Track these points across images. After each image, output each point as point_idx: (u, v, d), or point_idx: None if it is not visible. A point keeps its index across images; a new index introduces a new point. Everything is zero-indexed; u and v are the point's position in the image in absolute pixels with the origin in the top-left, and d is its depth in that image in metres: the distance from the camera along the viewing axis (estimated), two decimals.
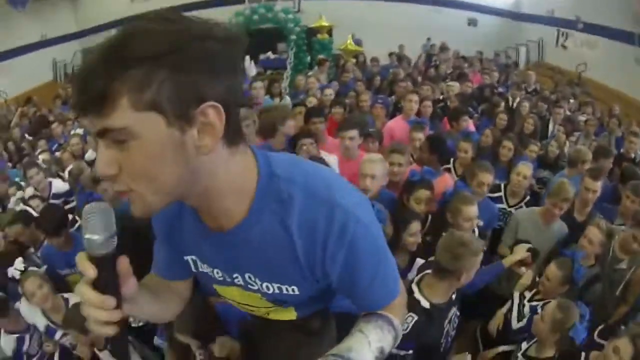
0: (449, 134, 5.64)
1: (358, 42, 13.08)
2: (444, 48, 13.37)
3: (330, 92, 6.88)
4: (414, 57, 12.90)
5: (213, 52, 0.85)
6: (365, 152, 4.20)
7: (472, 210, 3.36)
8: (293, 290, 1.16)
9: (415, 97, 5.60)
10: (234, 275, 1.19)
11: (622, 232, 3.61)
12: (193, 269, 1.28)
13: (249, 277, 1.17)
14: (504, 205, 4.41)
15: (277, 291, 1.17)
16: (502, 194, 4.46)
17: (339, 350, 1.09)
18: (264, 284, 1.17)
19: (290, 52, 13.09)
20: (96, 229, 0.89)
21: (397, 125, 5.50)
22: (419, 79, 9.37)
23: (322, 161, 3.67)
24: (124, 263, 0.95)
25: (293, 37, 13.19)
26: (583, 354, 2.71)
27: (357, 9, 14.73)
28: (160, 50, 0.81)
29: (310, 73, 9.83)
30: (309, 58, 13.54)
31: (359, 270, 1.09)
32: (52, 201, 5.17)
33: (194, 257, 1.25)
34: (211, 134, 0.89)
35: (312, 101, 6.38)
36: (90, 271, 0.90)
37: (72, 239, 3.89)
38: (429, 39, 14.40)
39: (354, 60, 11.50)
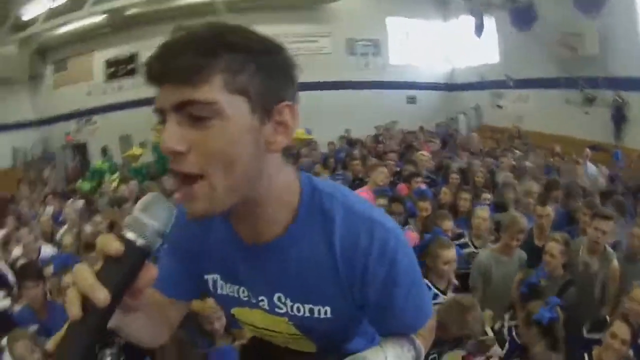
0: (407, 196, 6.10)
1: (309, 132, 13.66)
2: (387, 128, 14.32)
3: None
4: (361, 137, 13.43)
5: (291, 64, 0.96)
6: None
7: (451, 253, 3.62)
8: (326, 312, 1.11)
9: (384, 170, 6.17)
10: (260, 298, 1.15)
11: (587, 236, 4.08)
12: (212, 290, 1.23)
13: (279, 299, 1.13)
14: (472, 249, 4.79)
15: (307, 314, 1.12)
16: (467, 239, 4.86)
17: (354, 357, 1.12)
18: (295, 306, 1.12)
19: None
20: (158, 217, 0.82)
21: (365, 194, 5.90)
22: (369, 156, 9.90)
23: None
24: (152, 272, 0.85)
25: None
26: (585, 355, 3.00)
27: (305, 99, 15.34)
28: (257, 47, 0.90)
29: None
30: None
31: (397, 287, 1.08)
32: None
33: (215, 276, 1.21)
34: (284, 133, 0.95)
35: None
36: (115, 246, 0.78)
37: (49, 307, 3.87)
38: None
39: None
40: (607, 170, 8.02)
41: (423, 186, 6.47)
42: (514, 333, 3.38)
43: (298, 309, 1.13)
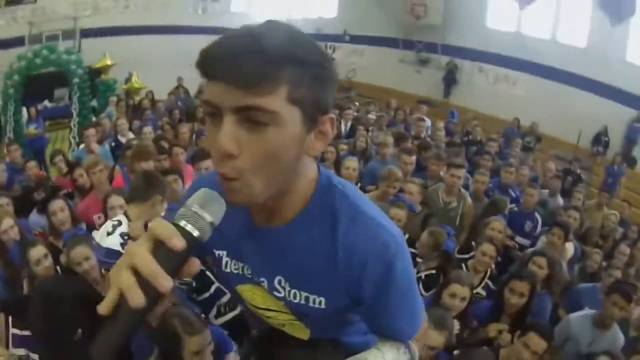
0: None
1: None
2: None
3: (149, 131, 6.88)
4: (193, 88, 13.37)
5: (335, 74, 1.01)
6: None
7: None
8: (320, 302, 1.16)
9: None
10: (261, 279, 1.20)
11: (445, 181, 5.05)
12: (217, 265, 1.31)
13: (279, 282, 1.18)
14: None
15: (303, 301, 1.17)
16: None
17: (355, 358, 1.19)
18: (292, 291, 1.17)
19: (75, 97, 12.41)
20: (216, 213, 0.88)
21: None
22: None
23: None
24: (196, 266, 0.88)
25: (76, 80, 12.42)
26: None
27: (139, 43, 14.75)
28: (315, 60, 0.94)
29: (103, 116, 9.58)
30: (94, 101, 13.05)
31: (392, 290, 1.13)
32: None
33: (222, 253, 1.27)
34: (323, 140, 1.01)
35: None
36: (179, 241, 0.80)
37: None
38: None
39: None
40: (442, 123, 9.26)
41: None
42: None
43: (294, 295, 1.17)
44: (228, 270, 1.26)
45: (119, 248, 2.70)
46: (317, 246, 1.10)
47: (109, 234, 2.77)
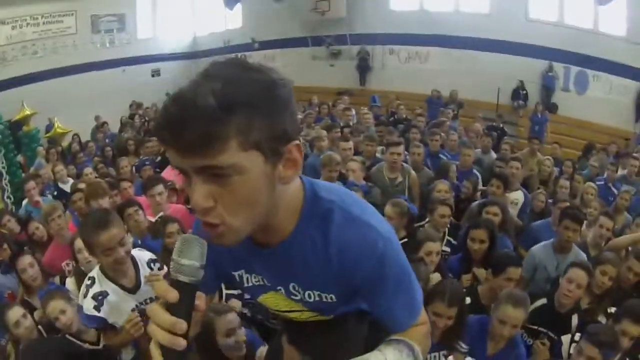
0: None
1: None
2: (139, 105, 14.35)
3: (90, 171, 6.96)
4: (113, 121, 13.17)
5: (289, 96, 1.00)
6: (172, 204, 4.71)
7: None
8: (331, 298, 1.26)
9: None
10: (278, 287, 1.30)
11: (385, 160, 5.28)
12: (239, 284, 1.38)
13: (293, 287, 1.27)
14: None
15: (317, 299, 1.26)
16: None
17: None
18: (307, 293, 1.26)
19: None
20: (194, 256, 0.96)
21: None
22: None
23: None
24: (203, 301, 1.05)
25: None
26: None
27: (51, 88, 14.24)
28: (257, 99, 0.93)
29: (33, 169, 9.35)
30: (19, 156, 12.43)
31: (384, 284, 1.20)
32: None
33: (241, 272, 1.34)
34: (294, 167, 1.03)
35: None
36: (172, 294, 0.93)
37: None
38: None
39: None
40: (365, 109, 9.59)
41: None
42: None
43: (309, 296, 1.27)
44: (250, 284, 1.34)
45: (95, 312, 2.53)
46: (314, 254, 1.17)
47: (84, 297, 2.59)
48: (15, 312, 3.03)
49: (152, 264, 2.76)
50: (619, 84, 11.60)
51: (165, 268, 2.78)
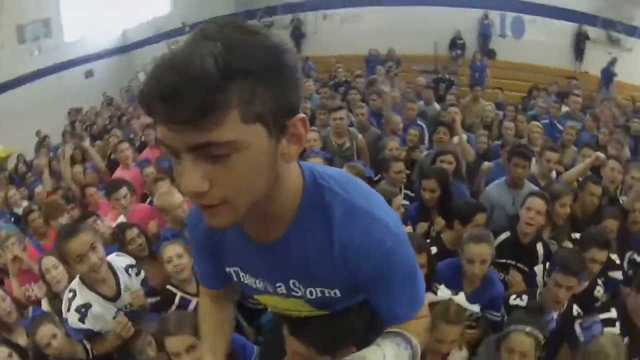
0: None
1: None
2: (78, 110, 13.99)
3: (41, 189, 6.85)
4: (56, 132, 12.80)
5: (294, 63, 0.88)
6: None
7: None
8: (335, 293, 1.19)
9: (126, 145, 5.82)
10: (277, 285, 1.22)
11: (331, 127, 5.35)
12: (235, 280, 1.32)
13: (293, 284, 1.20)
14: None
15: (320, 295, 1.20)
16: None
17: (353, 356, 1.19)
18: (308, 290, 1.20)
19: None
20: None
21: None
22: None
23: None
24: None
25: None
26: None
27: None
28: (261, 65, 0.81)
29: None
30: None
31: (390, 283, 1.15)
32: None
33: (236, 269, 1.28)
34: (297, 143, 0.93)
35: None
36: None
37: None
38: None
39: None
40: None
41: None
42: None
43: (311, 292, 1.20)
44: (246, 282, 1.29)
45: (80, 324, 2.53)
46: (316, 248, 1.10)
47: (67, 310, 2.57)
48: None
49: (129, 270, 2.75)
50: (556, 26, 12.10)
51: (143, 273, 2.85)
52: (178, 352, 2.26)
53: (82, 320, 2.52)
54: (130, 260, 2.82)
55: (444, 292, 2.44)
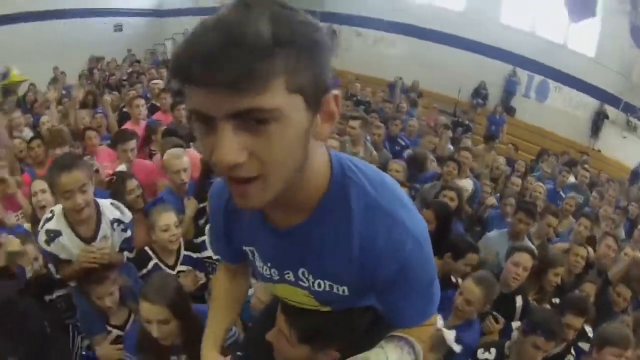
0: None
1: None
2: (99, 59, 14.05)
3: (47, 119, 6.53)
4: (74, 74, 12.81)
5: (331, 43, 0.88)
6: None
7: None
8: (343, 290, 1.17)
9: (142, 102, 5.99)
10: (285, 272, 1.22)
11: None
12: (251, 258, 1.31)
13: (302, 273, 1.19)
14: None
15: (327, 289, 1.18)
16: None
17: (356, 358, 1.20)
18: (316, 282, 1.18)
19: None
20: None
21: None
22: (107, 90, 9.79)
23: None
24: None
25: None
26: None
27: (8, 34, 13.65)
28: (304, 38, 0.82)
29: None
30: None
31: (405, 285, 1.13)
32: None
33: (252, 248, 1.27)
34: (330, 121, 0.93)
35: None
36: None
37: None
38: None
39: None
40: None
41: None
42: None
43: (319, 285, 1.18)
44: (257, 264, 1.29)
45: (45, 246, 2.53)
46: (334, 240, 1.08)
47: (41, 227, 2.55)
48: None
49: (114, 224, 2.68)
50: (579, 99, 12.25)
51: (129, 231, 2.76)
52: (149, 320, 2.23)
53: (47, 243, 2.51)
54: (120, 215, 2.72)
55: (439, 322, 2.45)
